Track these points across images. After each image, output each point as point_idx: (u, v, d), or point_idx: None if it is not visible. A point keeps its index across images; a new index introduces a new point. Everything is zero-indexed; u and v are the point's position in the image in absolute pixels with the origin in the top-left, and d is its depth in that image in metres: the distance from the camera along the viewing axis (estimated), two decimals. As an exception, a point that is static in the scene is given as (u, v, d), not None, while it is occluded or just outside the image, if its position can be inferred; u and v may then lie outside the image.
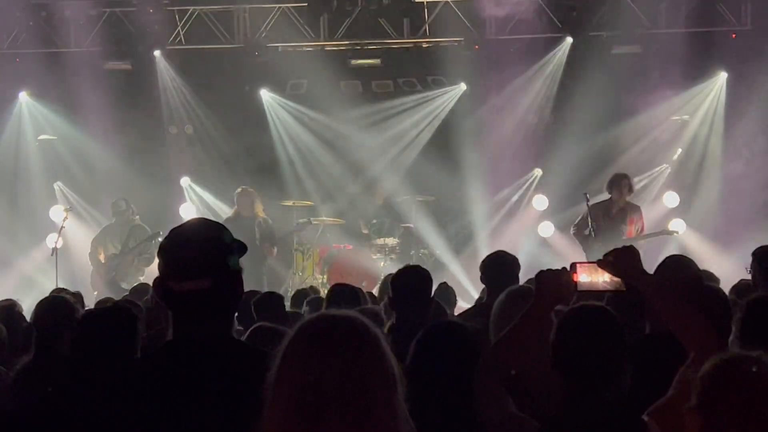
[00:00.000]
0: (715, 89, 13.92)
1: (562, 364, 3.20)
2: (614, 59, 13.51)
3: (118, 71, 14.22)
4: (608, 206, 11.36)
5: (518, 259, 6.74)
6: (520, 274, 6.61)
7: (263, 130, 14.72)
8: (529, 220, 14.43)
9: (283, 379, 2.23)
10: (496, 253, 6.98)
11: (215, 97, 14.45)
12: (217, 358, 2.64)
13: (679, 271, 4.13)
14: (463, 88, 14.48)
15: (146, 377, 2.65)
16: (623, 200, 11.32)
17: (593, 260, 3.32)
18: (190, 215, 13.76)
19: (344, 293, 6.38)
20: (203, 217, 5.68)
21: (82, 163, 14.48)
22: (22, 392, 4.43)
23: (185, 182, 14.76)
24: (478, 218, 14.29)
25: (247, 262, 2.82)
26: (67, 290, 7.33)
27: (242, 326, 5.86)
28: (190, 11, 14.10)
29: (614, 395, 3.11)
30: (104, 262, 12.87)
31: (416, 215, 13.86)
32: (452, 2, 13.86)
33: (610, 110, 13.56)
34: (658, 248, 11.60)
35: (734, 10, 13.62)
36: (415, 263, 9.23)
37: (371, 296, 8.27)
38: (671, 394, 3.11)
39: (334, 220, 13.93)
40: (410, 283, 5.52)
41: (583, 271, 3.25)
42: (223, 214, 13.56)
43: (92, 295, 11.48)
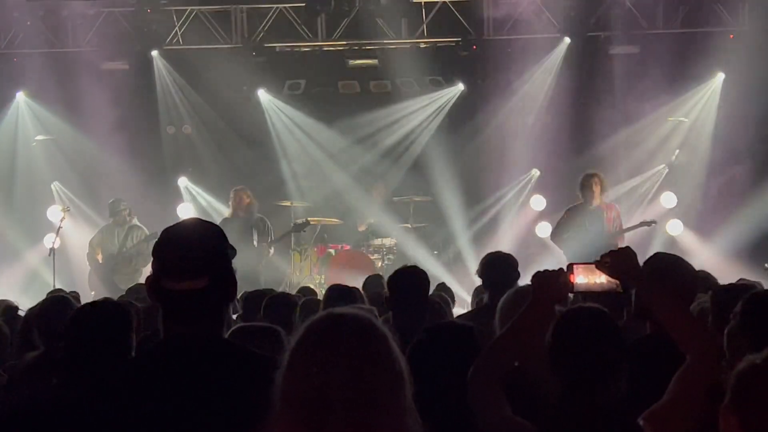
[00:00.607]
0: (712, 90, 13.93)
1: (557, 365, 3.19)
2: (612, 60, 13.52)
3: (115, 71, 14.23)
4: (582, 208, 11.31)
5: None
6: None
7: (260, 130, 14.71)
8: (526, 220, 14.42)
9: (291, 379, 2.20)
10: (495, 252, 6.93)
11: (213, 97, 14.44)
12: (208, 358, 2.63)
13: (671, 271, 4.10)
14: (460, 88, 14.48)
15: (138, 376, 2.65)
16: (597, 199, 11.25)
17: (590, 261, 3.31)
18: (187, 215, 13.73)
19: (341, 293, 6.36)
20: (197, 217, 5.66)
21: (79, 163, 14.47)
22: (23, 390, 4.41)
23: (183, 182, 14.76)
24: (475, 218, 14.29)
25: (244, 262, 2.81)
26: (63, 291, 7.32)
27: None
28: (187, 11, 14.11)
29: (610, 398, 3.10)
30: (102, 262, 12.86)
31: (414, 215, 13.86)
32: (450, 3, 13.86)
33: (607, 111, 13.57)
34: (656, 249, 11.59)
35: (732, 10, 13.63)
36: (412, 263, 9.23)
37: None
38: (667, 398, 3.09)
39: (331, 220, 13.92)
40: (407, 283, 5.52)
41: (579, 272, 3.24)
42: (220, 214, 13.55)
43: (90, 295, 11.48)
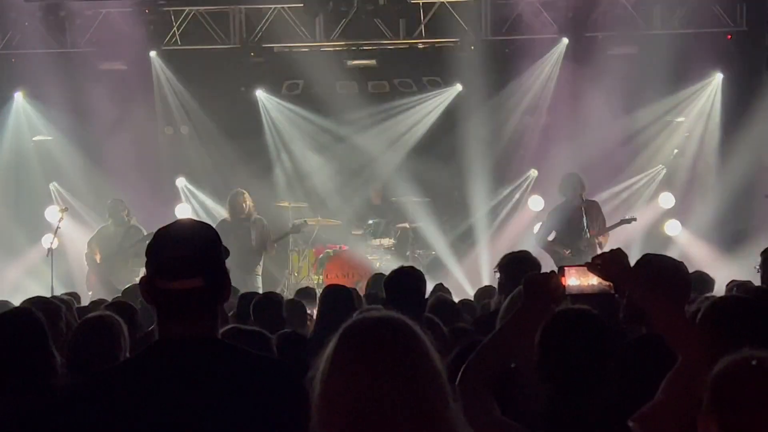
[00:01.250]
0: (710, 90, 13.93)
1: (545, 367, 3.19)
2: (610, 60, 13.51)
3: (113, 71, 14.22)
4: (564, 208, 11.36)
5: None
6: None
7: (259, 130, 14.71)
8: (524, 220, 14.42)
9: (335, 387, 2.16)
10: (520, 252, 6.53)
11: (211, 97, 14.44)
12: (202, 358, 2.63)
13: (662, 271, 4.10)
14: (459, 88, 14.47)
15: (131, 377, 2.64)
16: (578, 199, 11.29)
17: (581, 263, 3.30)
18: (185, 216, 13.73)
19: (338, 294, 6.37)
20: (191, 217, 5.67)
21: (78, 163, 14.46)
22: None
23: (181, 183, 14.76)
24: (474, 219, 14.29)
25: (242, 263, 2.81)
26: (57, 297, 7.28)
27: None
28: (185, 12, 14.11)
29: (598, 400, 3.10)
30: (100, 262, 12.85)
31: (412, 216, 13.86)
32: (448, 3, 13.86)
33: (606, 111, 13.57)
34: (654, 249, 11.58)
35: (729, 11, 13.63)
36: (410, 264, 9.23)
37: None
38: (658, 399, 3.08)
39: (329, 220, 13.92)
40: (404, 283, 5.53)
41: (572, 274, 3.23)
42: (218, 214, 13.55)
43: (87, 295, 11.47)
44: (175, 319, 2.65)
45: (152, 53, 14.29)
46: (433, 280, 9.18)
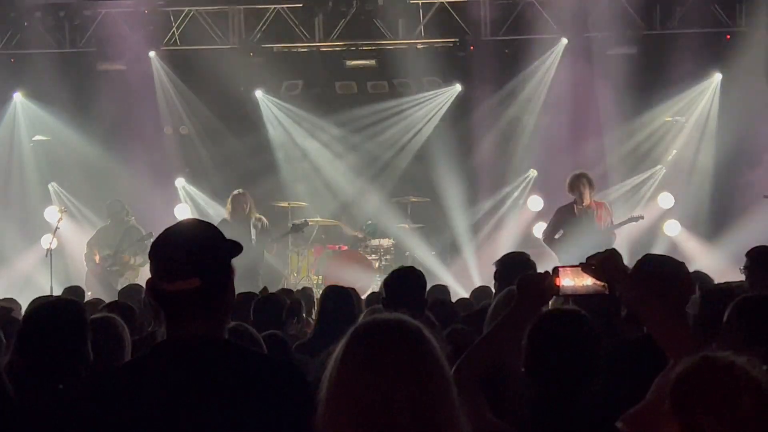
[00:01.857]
0: (709, 90, 13.93)
1: (533, 368, 3.19)
2: (609, 60, 13.51)
3: (113, 72, 14.21)
4: (573, 208, 11.34)
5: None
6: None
7: (258, 130, 14.71)
8: (524, 220, 14.42)
9: (346, 389, 2.16)
10: (518, 253, 6.53)
11: (210, 97, 14.43)
12: (205, 359, 2.63)
13: (658, 272, 4.09)
14: (458, 89, 14.48)
15: (137, 378, 2.64)
16: (587, 199, 11.28)
17: (576, 264, 3.28)
18: (185, 216, 13.73)
19: (337, 294, 6.37)
20: (195, 218, 5.64)
21: (76, 164, 14.47)
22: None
23: (180, 183, 14.76)
24: (473, 219, 14.29)
25: (242, 263, 2.80)
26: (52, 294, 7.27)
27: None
28: (185, 12, 14.11)
29: (586, 401, 3.09)
30: (99, 263, 12.86)
31: (411, 216, 13.86)
32: (447, 3, 13.86)
33: (605, 111, 13.57)
34: (652, 249, 11.60)
35: (729, 11, 13.63)
36: (409, 264, 9.23)
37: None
38: (646, 400, 3.07)
39: (329, 221, 13.92)
40: (404, 284, 5.51)
41: (565, 275, 3.20)
42: (217, 215, 13.54)
43: (87, 296, 11.45)
44: (178, 319, 2.66)
45: (152, 53, 14.29)
46: (431, 281, 9.16)
